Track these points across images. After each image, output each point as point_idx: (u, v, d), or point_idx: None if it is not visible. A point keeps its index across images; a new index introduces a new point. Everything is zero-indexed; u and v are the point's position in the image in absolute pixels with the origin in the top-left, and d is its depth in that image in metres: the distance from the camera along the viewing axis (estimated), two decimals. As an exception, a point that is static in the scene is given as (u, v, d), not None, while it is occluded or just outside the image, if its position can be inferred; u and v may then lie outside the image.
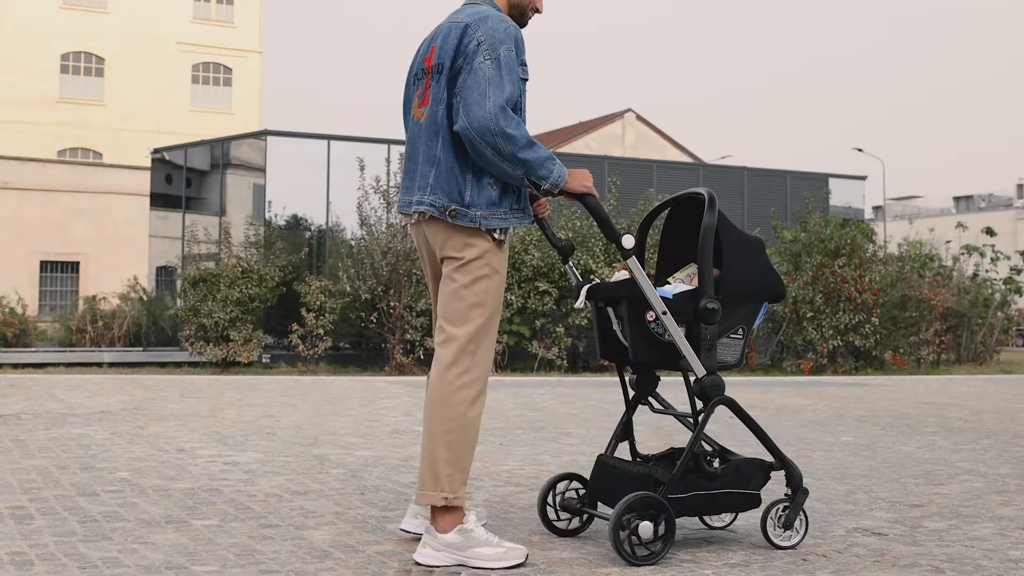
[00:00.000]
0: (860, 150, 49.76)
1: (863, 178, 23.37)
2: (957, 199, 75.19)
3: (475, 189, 3.54)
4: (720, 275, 3.68)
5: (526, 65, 3.62)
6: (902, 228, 45.78)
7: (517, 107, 3.52)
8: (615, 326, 3.76)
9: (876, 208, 62.54)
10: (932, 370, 18.16)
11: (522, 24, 3.77)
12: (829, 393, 11.83)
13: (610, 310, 3.77)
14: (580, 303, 3.76)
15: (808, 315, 16.85)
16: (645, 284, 3.59)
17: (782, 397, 11.10)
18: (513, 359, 16.13)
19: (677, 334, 3.59)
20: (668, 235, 4.04)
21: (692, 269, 3.84)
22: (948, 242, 23.81)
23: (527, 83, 3.63)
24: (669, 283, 3.88)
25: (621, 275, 3.80)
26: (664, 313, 3.58)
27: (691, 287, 3.74)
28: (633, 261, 3.59)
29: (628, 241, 3.57)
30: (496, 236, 3.58)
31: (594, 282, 3.82)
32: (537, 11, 3.80)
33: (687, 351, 3.61)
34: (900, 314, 18.21)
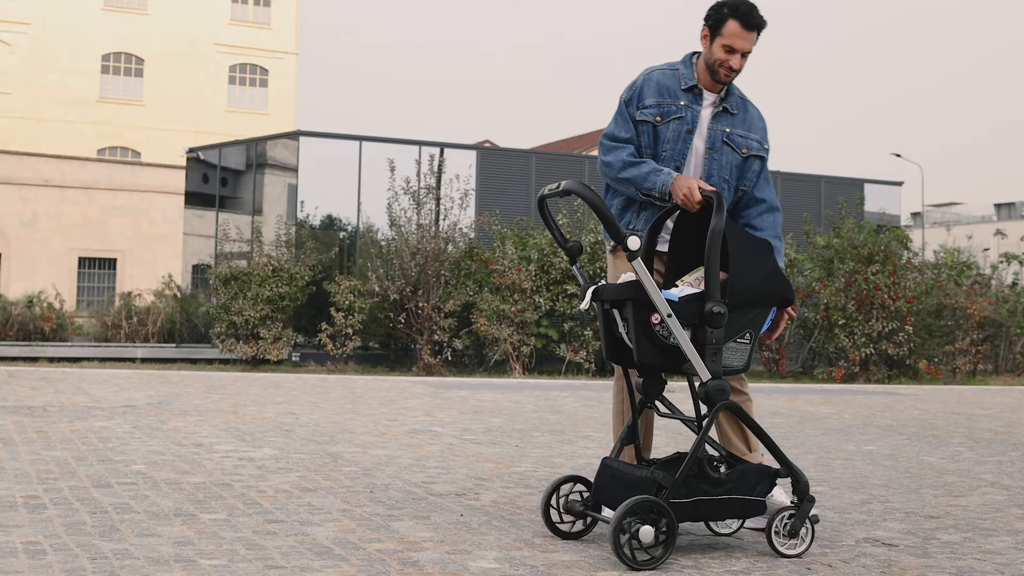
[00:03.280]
0: (899, 155, 49.26)
1: (899, 184, 23.13)
2: (998, 206, 74.24)
3: None
4: (727, 278, 3.64)
5: (648, 108, 4.09)
6: (940, 235, 45.29)
7: (618, 140, 4.12)
8: (620, 328, 3.74)
9: (915, 215, 61.89)
10: (968, 380, 17.91)
11: (719, 81, 4.11)
12: (858, 401, 11.71)
13: (615, 312, 3.75)
14: (585, 304, 3.74)
15: (840, 322, 16.68)
16: (650, 286, 3.56)
17: (809, 404, 11.00)
18: (541, 362, 16.11)
19: (682, 337, 3.56)
20: (677, 238, 4.00)
21: (701, 272, 3.80)
22: (986, 250, 23.51)
23: (650, 123, 4.10)
24: (677, 286, 3.85)
25: (628, 277, 3.78)
26: (669, 316, 3.55)
27: (698, 290, 3.70)
28: (638, 263, 3.56)
29: (634, 243, 3.55)
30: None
31: (600, 283, 3.80)
32: (732, 69, 4.07)
33: (692, 355, 3.57)
34: (935, 323, 17.97)
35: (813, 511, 3.84)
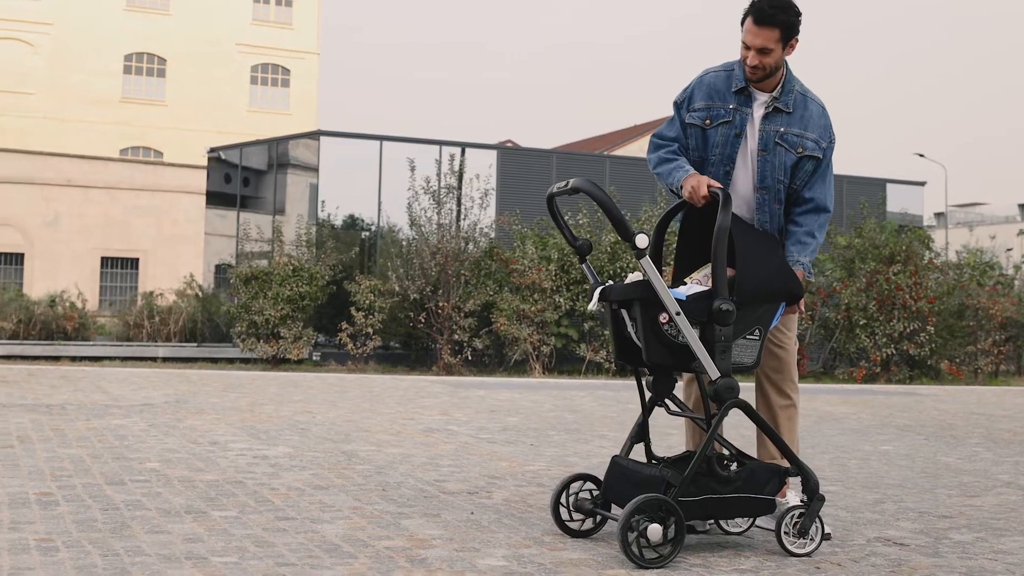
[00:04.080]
0: (922, 155, 48.96)
1: (922, 184, 22.98)
2: (1023, 206, 73.62)
3: None
4: (734, 275, 3.63)
5: (697, 111, 4.10)
6: (964, 235, 44.93)
7: (664, 139, 4.19)
8: (629, 328, 3.73)
9: (938, 215, 61.52)
10: (990, 381, 17.79)
11: (747, 78, 4.07)
12: (877, 402, 11.64)
13: (624, 312, 3.74)
14: (593, 304, 3.74)
15: (861, 322, 16.60)
16: (658, 285, 3.55)
17: (828, 404, 10.95)
18: (561, 362, 16.09)
19: (691, 335, 3.55)
20: (684, 235, 4.00)
21: (709, 270, 3.79)
22: (1009, 250, 23.33)
23: (699, 127, 4.11)
24: (685, 284, 3.85)
25: (636, 276, 3.77)
26: (678, 314, 3.53)
27: (706, 288, 3.69)
28: (647, 261, 3.55)
29: (642, 241, 3.53)
30: None
31: (608, 283, 3.79)
32: (751, 66, 4.01)
33: (701, 353, 3.56)
34: (957, 323, 17.86)
35: (826, 528, 3.83)
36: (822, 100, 4.19)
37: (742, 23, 4.02)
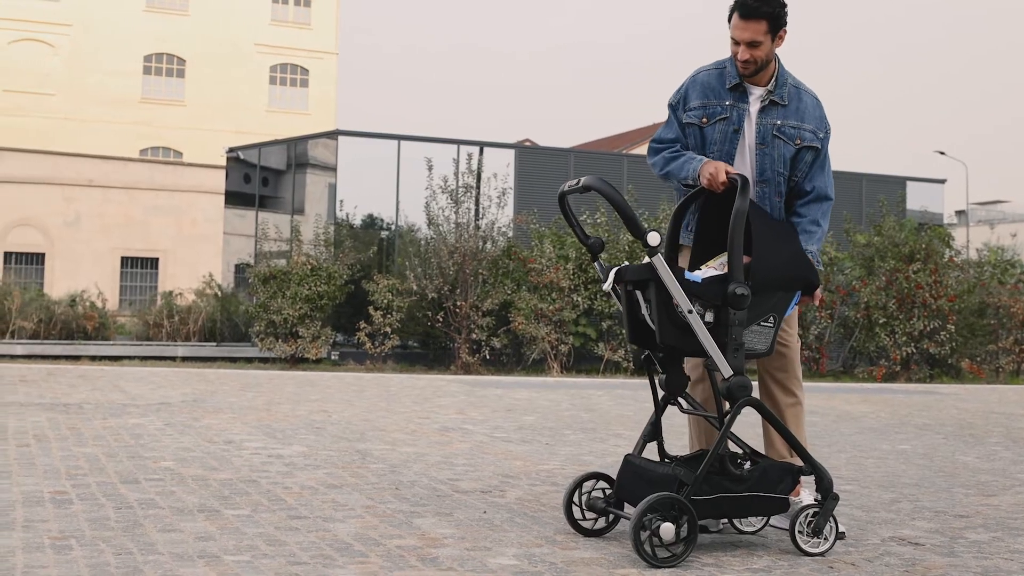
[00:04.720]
0: (943, 153, 48.67)
1: (942, 181, 22.84)
2: (1046, 204, 72.99)
3: None
4: (750, 262, 3.61)
5: (693, 110, 4.11)
6: (985, 233, 44.62)
7: (663, 142, 4.20)
8: (643, 310, 3.71)
9: (959, 212, 61.15)
10: (1011, 380, 17.65)
11: (739, 73, 4.08)
12: (896, 400, 11.57)
13: (638, 293, 3.72)
14: (608, 285, 3.72)
15: (881, 321, 16.50)
16: (670, 281, 3.53)
17: (846, 403, 10.89)
18: (579, 361, 16.06)
19: (702, 332, 3.53)
20: (702, 222, 3.99)
21: (725, 258, 3.77)
22: (1031, 248, 23.15)
23: (697, 126, 4.11)
24: (700, 269, 3.84)
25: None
26: (690, 312, 3.52)
27: (721, 273, 3.69)
28: (659, 259, 3.54)
29: (654, 238, 3.52)
30: None
31: (624, 264, 3.78)
32: (742, 61, 4.03)
33: (713, 351, 3.54)
34: (978, 321, 17.73)
35: (840, 528, 3.81)
36: (815, 92, 4.22)
37: (729, 20, 4.06)
